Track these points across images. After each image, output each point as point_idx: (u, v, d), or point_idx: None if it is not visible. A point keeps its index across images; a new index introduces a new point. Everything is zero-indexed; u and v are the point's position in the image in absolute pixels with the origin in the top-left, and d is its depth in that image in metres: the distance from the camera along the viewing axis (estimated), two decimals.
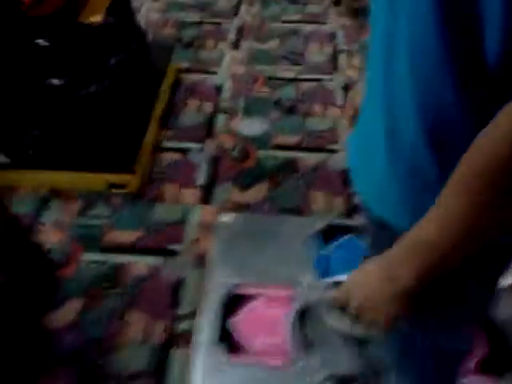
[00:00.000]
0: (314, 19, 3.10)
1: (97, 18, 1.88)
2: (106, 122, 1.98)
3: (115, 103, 1.99)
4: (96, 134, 1.97)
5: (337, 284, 1.57)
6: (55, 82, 1.88)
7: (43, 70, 1.87)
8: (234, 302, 1.55)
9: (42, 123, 1.93)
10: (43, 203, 1.99)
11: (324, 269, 1.65)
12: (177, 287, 1.72)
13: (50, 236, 1.87)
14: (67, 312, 1.64)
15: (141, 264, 1.78)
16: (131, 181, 2.00)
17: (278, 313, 1.52)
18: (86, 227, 1.91)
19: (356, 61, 2.71)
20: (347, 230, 1.73)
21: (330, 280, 1.59)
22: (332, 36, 2.96)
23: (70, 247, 1.83)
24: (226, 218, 1.78)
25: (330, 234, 1.76)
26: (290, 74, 2.67)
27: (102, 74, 1.91)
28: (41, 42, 1.83)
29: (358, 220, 1.80)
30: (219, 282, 1.58)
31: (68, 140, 1.96)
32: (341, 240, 1.70)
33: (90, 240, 1.86)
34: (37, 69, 1.86)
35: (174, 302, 1.68)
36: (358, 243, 1.64)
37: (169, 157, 2.19)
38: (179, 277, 1.75)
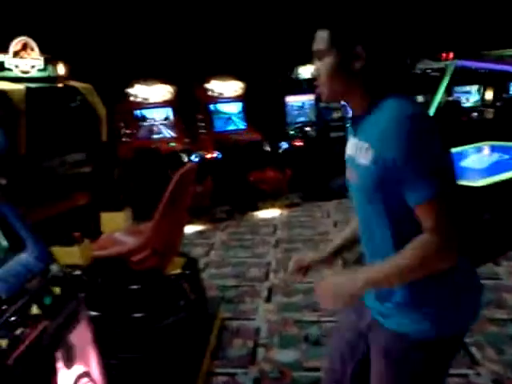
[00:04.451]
0: None
1: (176, 271, 2.72)
2: (175, 347, 2.59)
3: (183, 334, 2.64)
4: (166, 358, 2.55)
5: None
6: (138, 315, 2.59)
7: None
8: None
9: (128, 350, 2.54)
10: None
11: None
12: None
13: None
14: None
15: None
16: None
17: None
18: None
19: None
20: None
21: None
22: None
23: None
24: None
25: None
26: (314, 318, 3.35)
27: (178, 309, 2.63)
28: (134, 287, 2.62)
29: None
30: None
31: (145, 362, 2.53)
32: None
33: None
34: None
35: None
36: None
37: (220, 379, 2.70)
38: None
